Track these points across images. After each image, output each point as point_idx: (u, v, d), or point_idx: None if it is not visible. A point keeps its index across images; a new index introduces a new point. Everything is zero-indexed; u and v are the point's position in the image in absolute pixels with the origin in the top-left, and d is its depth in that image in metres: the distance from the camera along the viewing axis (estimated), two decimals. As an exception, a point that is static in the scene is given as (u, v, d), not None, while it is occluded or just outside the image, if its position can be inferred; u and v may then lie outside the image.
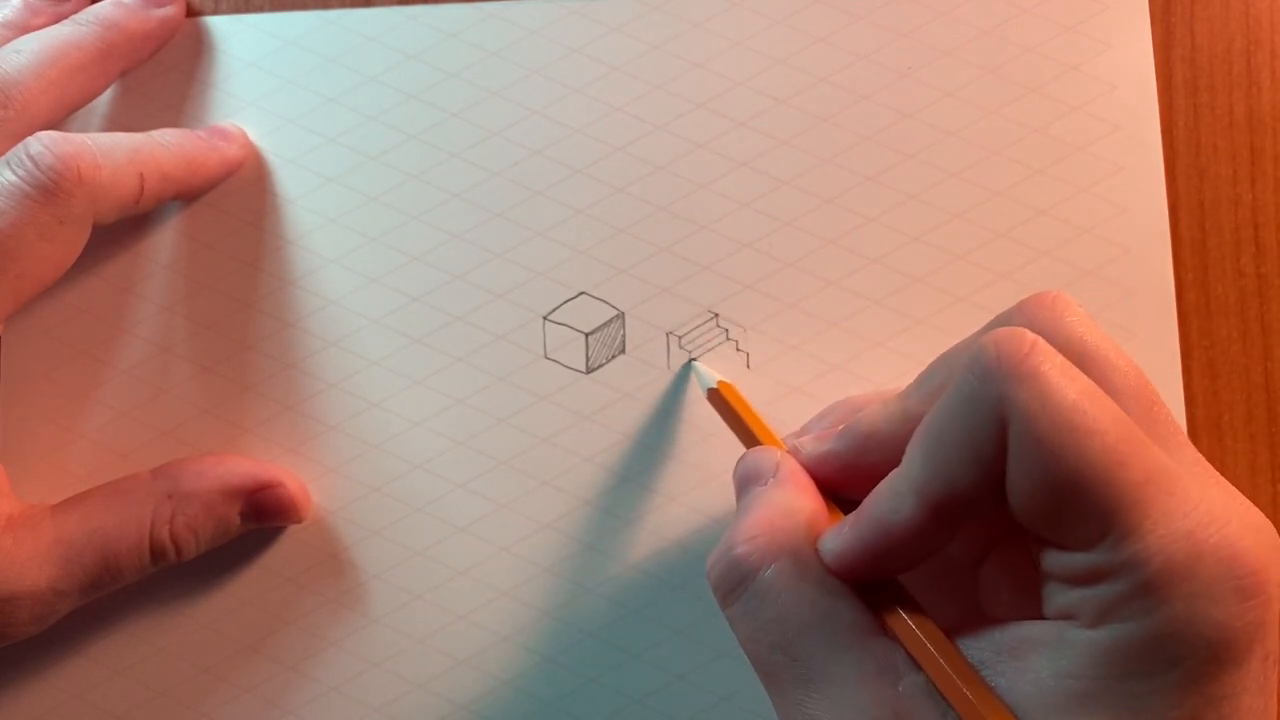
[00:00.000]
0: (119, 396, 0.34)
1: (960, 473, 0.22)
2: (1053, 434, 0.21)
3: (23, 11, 0.35)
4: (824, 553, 0.24)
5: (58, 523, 0.30)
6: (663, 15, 0.35)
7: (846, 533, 0.24)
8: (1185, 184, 0.34)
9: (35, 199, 0.30)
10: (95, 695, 0.33)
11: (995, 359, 0.22)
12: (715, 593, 0.25)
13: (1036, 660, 0.22)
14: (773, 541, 0.24)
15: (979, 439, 0.22)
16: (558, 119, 0.35)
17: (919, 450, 0.23)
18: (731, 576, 0.25)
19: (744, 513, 0.26)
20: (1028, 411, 0.21)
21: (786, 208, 0.34)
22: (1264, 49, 0.35)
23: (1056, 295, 0.24)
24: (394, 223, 0.35)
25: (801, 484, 0.26)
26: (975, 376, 0.22)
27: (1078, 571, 0.21)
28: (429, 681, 0.33)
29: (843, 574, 0.24)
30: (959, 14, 0.35)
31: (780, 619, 0.24)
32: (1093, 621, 0.21)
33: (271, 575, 0.33)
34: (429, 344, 0.34)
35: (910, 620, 0.23)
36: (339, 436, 0.34)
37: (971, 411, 0.22)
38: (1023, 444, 0.21)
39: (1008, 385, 0.21)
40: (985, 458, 0.22)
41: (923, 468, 0.23)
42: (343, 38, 0.36)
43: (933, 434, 0.23)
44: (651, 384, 0.34)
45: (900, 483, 0.23)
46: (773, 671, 0.24)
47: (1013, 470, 0.21)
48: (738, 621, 0.24)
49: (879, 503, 0.24)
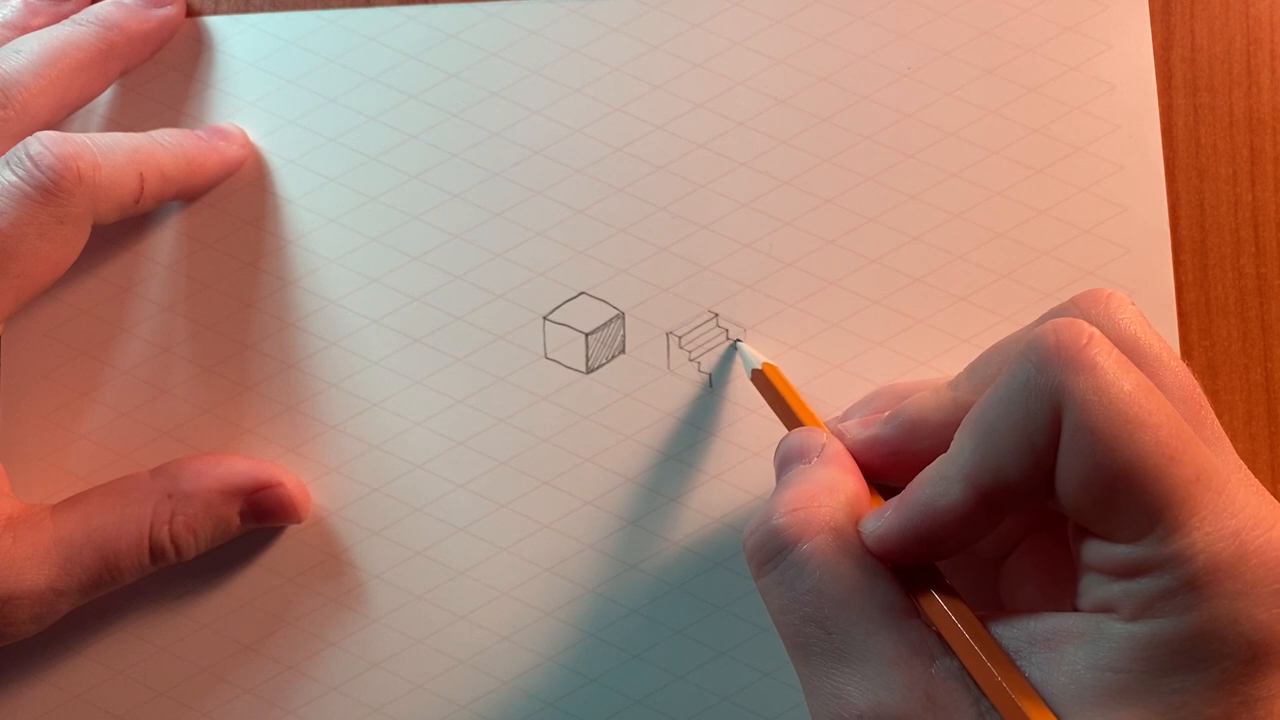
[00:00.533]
0: (119, 396, 0.34)
1: (1011, 460, 0.22)
2: (1108, 424, 0.21)
3: (23, 11, 0.35)
4: (866, 534, 0.24)
5: (58, 523, 0.30)
6: (663, 15, 0.35)
7: (890, 516, 0.24)
8: (1185, 184, 0.34)
9: (35, 199, 0.30)
10: (95, 695, 0.33)
11: (1054, 348, 0.22)
12: (750, 561, 0.25)
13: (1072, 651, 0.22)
14: (814, 515, 0.24)
15: (1033, 426, 0.22)
16: (558, 119, 0.35)
17: (970, 436, 0.23)
18: (769, 546, 0.24)
19: (786, 486, 0.26)
20: (1084, 400, 0.21)
21: (786, 208, 0.34)
22: (1264, 49, 0.35)
23: (1111, 293, 0.24)
24: (394, 223, 0.35)
25: (846, 464, 0.26)
26: (1032, 364, 0.22)
27: (1121, 564, 0.21)
28: (429, 681, 0.33)
29: (883, 556, 0.24)
30: (959, 14, 0.35)
31: (817, 591, 0.23)
32: (1133, 615, 0.21)
33: (271, 575, 0.33)
34: (429, 344, 0.34)
35: (945, 604, 0.23)
36: (339, 436, 0.34)
37: (1026, 398, 0.22)
38: (1077, 433, 0.21)
39: (1065, 374, 0.21)
40: (1038, 446, 0.22)
41: (973, 453, 0.23)
42: (343, 38, 0.36)
43: (985, 420, 0.23)
44: (651, 384, 0.34)
45: (949, 468, 0.23)
46: (804, 644, 0.24)
47: (1064, 459, 0.21)
48: (771, 591, 0.24)
49: (925, 487, 0.23)
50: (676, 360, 0.34)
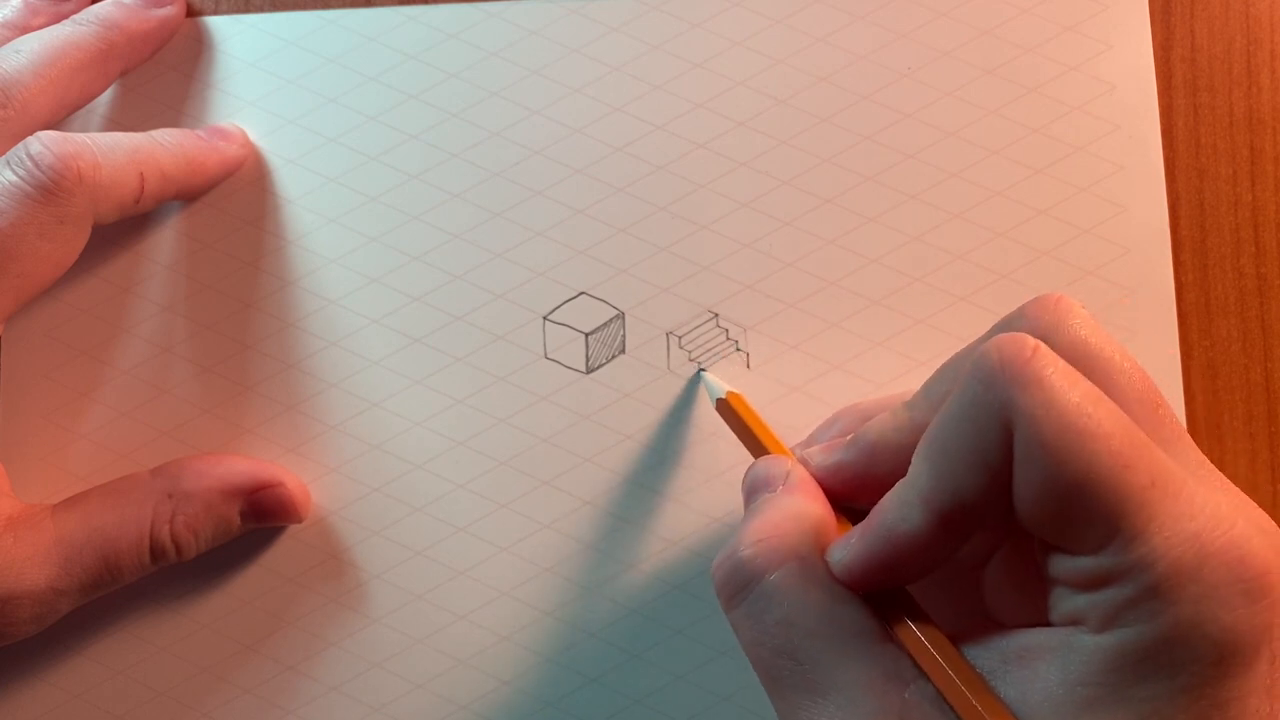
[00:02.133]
0: (119, 396, 0.34)
1: (967, 481, 0.22)
2: (1057, 438, 0.21)
3: (23, 11, 0.35)
4: (832, 563, 0.24)
5: (58, 522, 0.30)
6: (663, 15, 0.35)
7: (855, 543, 0.24)
8: (1185, 184, 0.34)
9: (35, 199, 0.30)
10: (95, 695, 0.33)
11: (998, 365, 0.22)
12: (720, 595, 0.25)
13: (1044, 668, 0.22)
14: (781, 545, 0.24)
15: (984, 446, 0.22)
16: (558, 119, 0.35)
17: (924, 460, 0.23)
18: (737, 579, 0.24)
19: (752, 516, 0.26)
20: (1032, 416, 0.21)
21: (786, 208, 0.34)
22: (1264, 49, 0.35)
23: (1059, 298, 0.24)
24: (394, 223, 0.35)
25: (811, 492, 0.26)
26: (978, 383, 0.22)
27: (1085, 576, 0.21)
28: (429, 681, 0.33)
29: (851, 584, 0.24)
30: (959, 14, 0.35)
31: (786, 622, 0.23)
32: (1100, 626, 0.21)
33: (271, 575, 0.33)
34: (429, 344, 0.34)
35: (917, 629, 0.23)
36: (339, 436, 0.34)
37: (976, 418, 0.22)
38: (1028, 449, 0.21)
39: (1011, 391, 0.21)
40: (992, 465, 0.22)
41: (929, 477, 0.23)
42: (343, 38, 0.36)
43: (938, 443, 0.23)
44: (651, 384, 0.34)
45: (907, 493, 0.23)
46: (776, 676, 0.24)
47: (1019, 476, 0.21)
48: (741, 624, 0.24)
49: (886, 513, 0.23)
50: (676, 360, 0.34)
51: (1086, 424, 0.21)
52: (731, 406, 0.31)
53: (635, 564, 0.33)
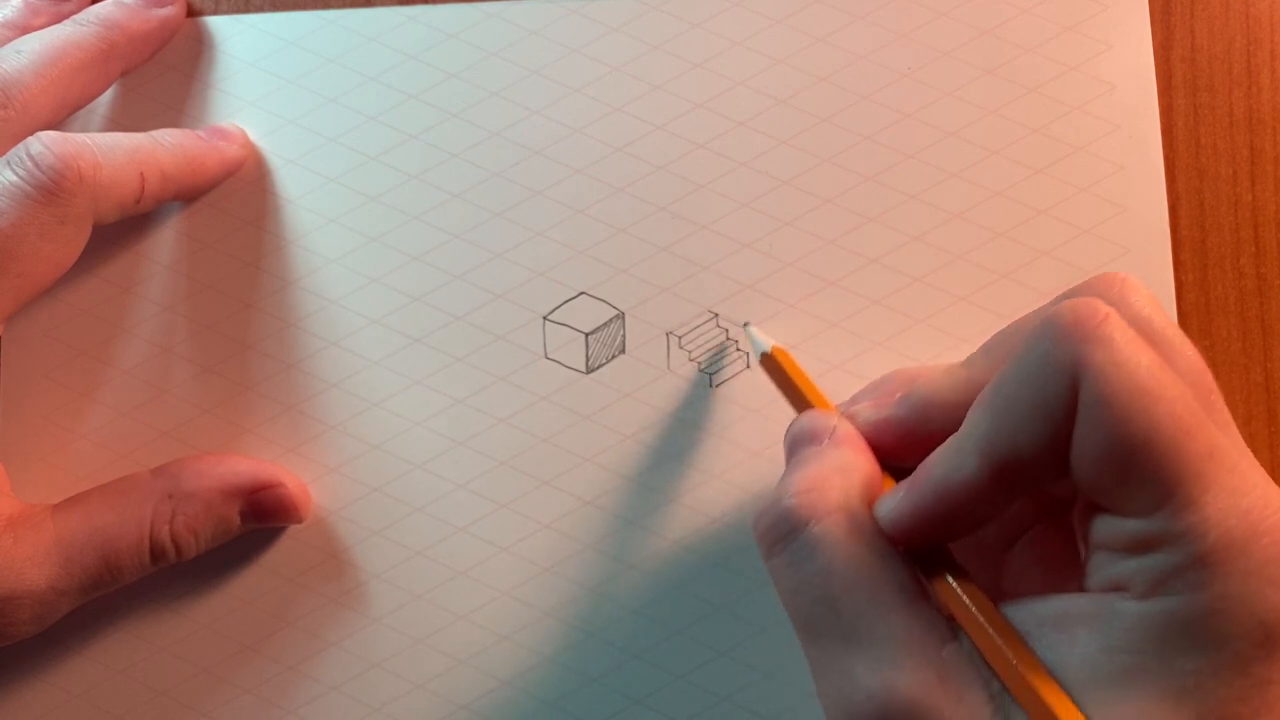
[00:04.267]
0: (119, 396, 0.34)
1: (1027, 433, 0.22)
2: (1125, 396, 0.21)
3: (23, 11, 0.35)
4: (880, 515, 0.24)
5: (58, 522, 0.30)
6: (663, 15, 0.35)
7: (903, 496, 0.24)
8: (1185, 184, 0.34)
9: (36, 199, 0.30)
10: (95, 695, 0.33)
11: (1071, 323, 0.22)
12: (761, 543, 0.25)
13: (1084, 633, 0.22)
14: (826, 496, 0.24)
15: (1049, 399, 0.22)
16: (558, 119, 0.35)
17: (985, 410, 0.23)
18: (781, 527, 0.24)
19: (796, 468, 0.26)
20: (1101, 373, 0.21)
21: (786, 208, 0.34)
22: (1264, 49, 0.35)
23: (1123, 276, 0.24)
24: (394, 223, 0.35)
25: (858, 446, 0.26)
26: (1049, 339, 0.22)
27: (1133, 539, 0.21)
28: (429, 681, 0.33)
29: (897, 537, 0.24)
30: (959, 14, 0.35)
31: (827, 572, 0.23)
32: (1144, 593, 0.21)
33: (271, 575, 0.33)
34: (429, 344, 0.34)
35: (959, 586, 0.23)
36: (339, 436, 0.34)
37: (1044, 371, 0.22)
38: (1094, 405, 0.21)
39: (1082, 348, 0.21)
40: (1054, 418, 0.22)
41: (989, 427, 0.23)
42: (343, 38, 0.36)
43: (1002, 394, 0.23)
44: (651, 384, 0.34)
45: (964, 442, 0.23)
46: (813, 625, 0.23)
47: (1080, 431, 0.21)
48: (781, 572, 0.24)
49: (939, 464, 0.23)
50: (676, 360, 0.34)
51: (1153, 386, 0.21)
52: (777, 361, 0.31)
53: (635, 564, 0.33)
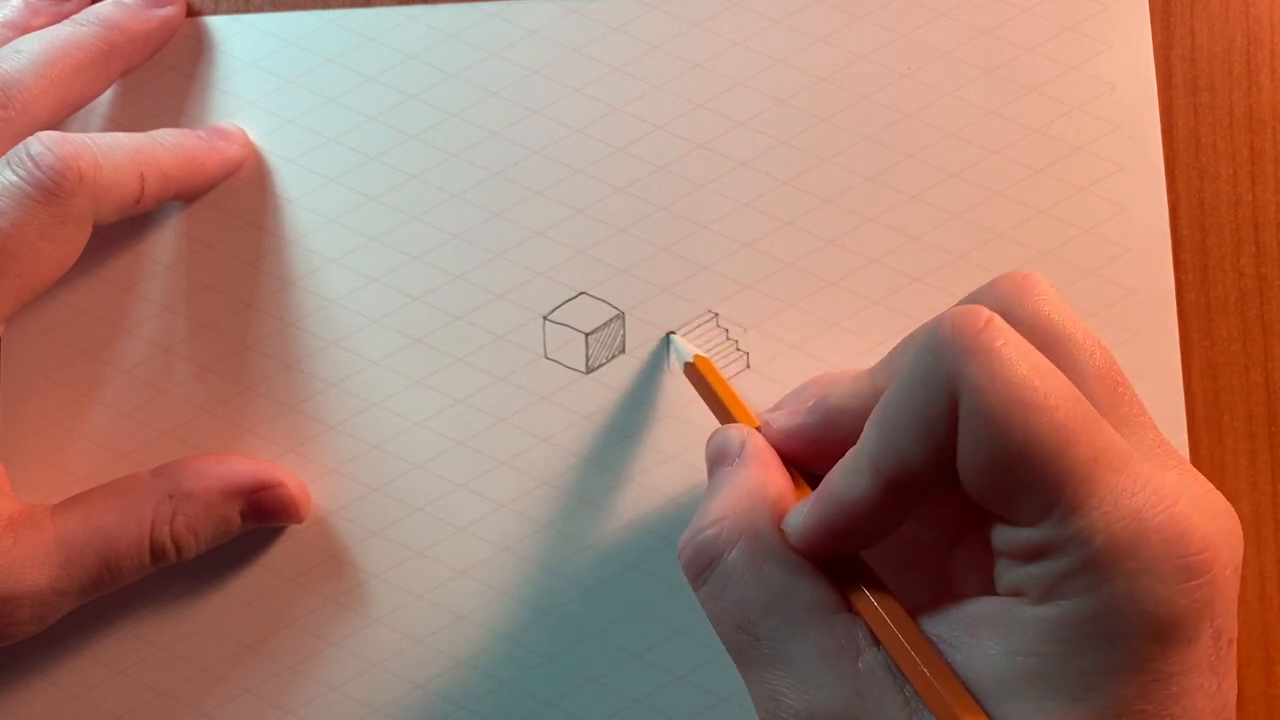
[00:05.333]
0: (119, 396, 0.34)
1: (912, 448, 0.22)
2: (1001, 408, 0.21)
3: (23, 11, 0.35)
4: (788, 531, 0.25)
5: (58, 522, 0.30)
6: (663, 15, 0.35)
7: (808, 511, 0.24)
8: (1185, 184, 0.34)
9: (36, 199, 0.30)
10: (95, 695, 0.33)
11: (949, 335, 0.22)
12: (686, 575, 0.26)
13: (988, 637, 0.22)
14: (737, 523, 0.25)
15: (931, 414, 0.22)
16: (558, 119, 0.35)
17: (874, 427, 0.23)
18: (699, 560, 0.25)
19: (711, 494, 0.26)
20: (977, 386, 0.21)
21: (786, 208, 0.34)
22: (1264, 49, 0.35)
23: (1026, 275, 0.25)
24: (394, 223, 0.35)
25: (767, 461, 0.27)
26: (929, 352, 0.22)
27: (1025, 547, 0.22)
28: (429, 681, 0.33)
29: (806, 551, 0.24)
30: (959, 14, 0.35)
31: (743, 600, 0.24)
32: (1040, 598, 0.21)
33: (271, 575, 0.33)
34: (429, 344, 0.34)
35: (872, 596, 0.24)
36: (339, 436, 0.34)
37: (924, 387, 0.22)
38: (972, 418, 0.21)
39: (958, 361, 0.22)
40: (937, 433, 0.22)
41: (876, 443, 0.23)
42: (343, 38, 0.36)
43: (888, 411, 0.23)
44: (651, 384, 0.34)
45: (856, 459, 0.24)
46: (739, 650, 0.24)
47: (963, 444, 0.22)
48: (706, 603, 0.25)
49: (837, 479, 0.24)
50: (677, 360, 0.34)
51: (1031, 396, 0.21)
52: (699, 371, 0.32)
53: (635, 563, 0.33)
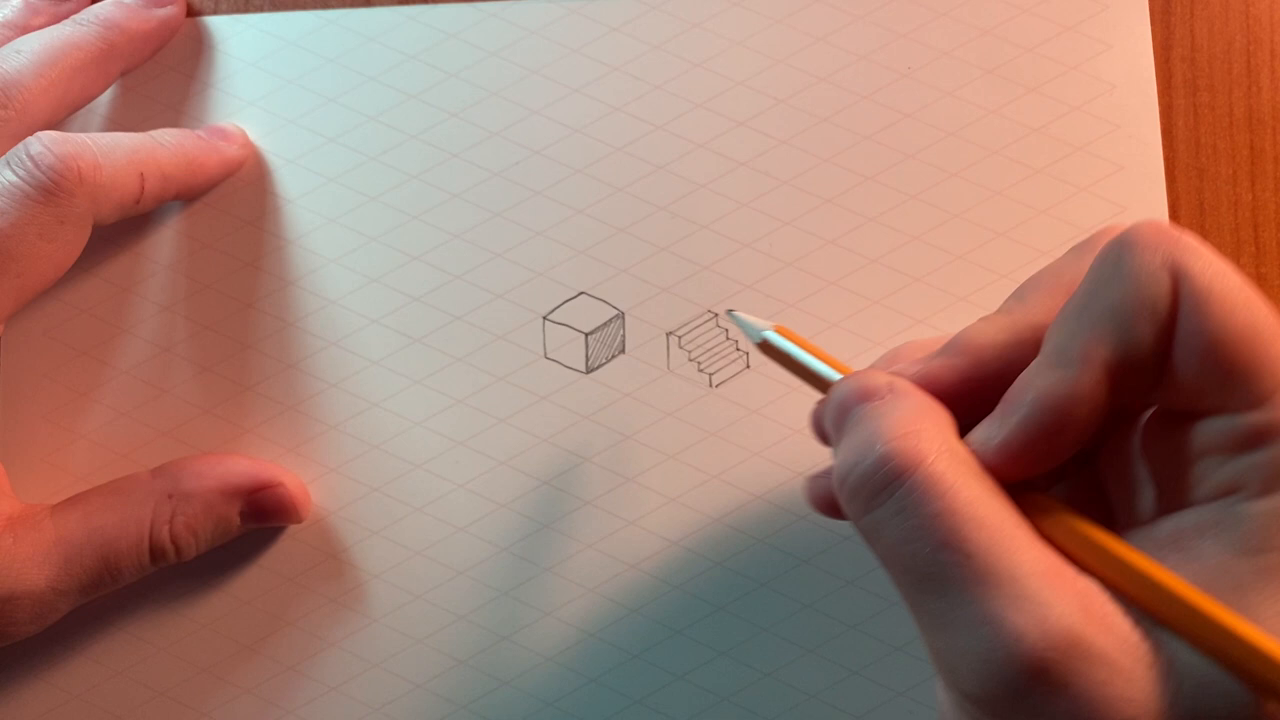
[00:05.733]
0: (119, 396, 0.34)
1: (1135, 331, 0.22)
2: (1228, 291, 0.21)
3: (23, 11, 0.35)
4: (985, 446, 0.23)
5: (58, 522, 0.30)
6: (663, 15, 0.35)
7: (1002, 423, 0.23)
8: (1185, 184, 0.34)
9: (36, 199, 0.30)
10: (95, 695, 0.33)
11: (1157, 231, 0.22)
12: (855, 498, 0.23)
13: (1208, 544, 0.21)
14: (924, 440, 0.23)
15: (1152, 298, 0.21)
16: (558, 119, 0.35)
17: (1079, 319, 0.22)
18: (879, 476, 0.22)
19: (873, 420, 0.24)
20: (1203, 271, 0.21)
21: (786, 208, 0.34)
22: (1264, 49, 0.35)
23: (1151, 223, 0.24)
24: (394, 223, 0.35)
25: (917, 390, 0.25)
26: (1137, 248, 0.22)
27: (1243, 434, 0.21)
28: (429, 681, 0.33)
29: (1003, 467, 0.23)
30: (959, 14, 0.35)
31: (949, 513, 0.22)
32: (1263, 489, 0.21)
33: (271, 575, 0.33)
34: (429, 344, 0.34)
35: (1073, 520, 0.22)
36: (339, 436, 0.34)
37: (1141, 274, 0.22)
38: (1198, 299, 0.21)
39: (1178, 249, 0.21)
40: (1157, 316, 0.21)
41: (1088, 334, 0.22)
42: (343, 38, 0.36)
43: (1096, 302, 0.22)
44: (651, 384, 0.34)
45: (1058, 355, 0.22)
46: (937, 573, 0.21)
47: (1185, 327, 0.21)
48: (887, 524, 0.22)
49: (1034, 384, 0.22)
50: (676, 360, 0.34)
51: (1247, 286, 0.21)
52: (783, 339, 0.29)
53: (635, 564, 0.33)
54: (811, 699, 0.32)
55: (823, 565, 0.32)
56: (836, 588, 0.32)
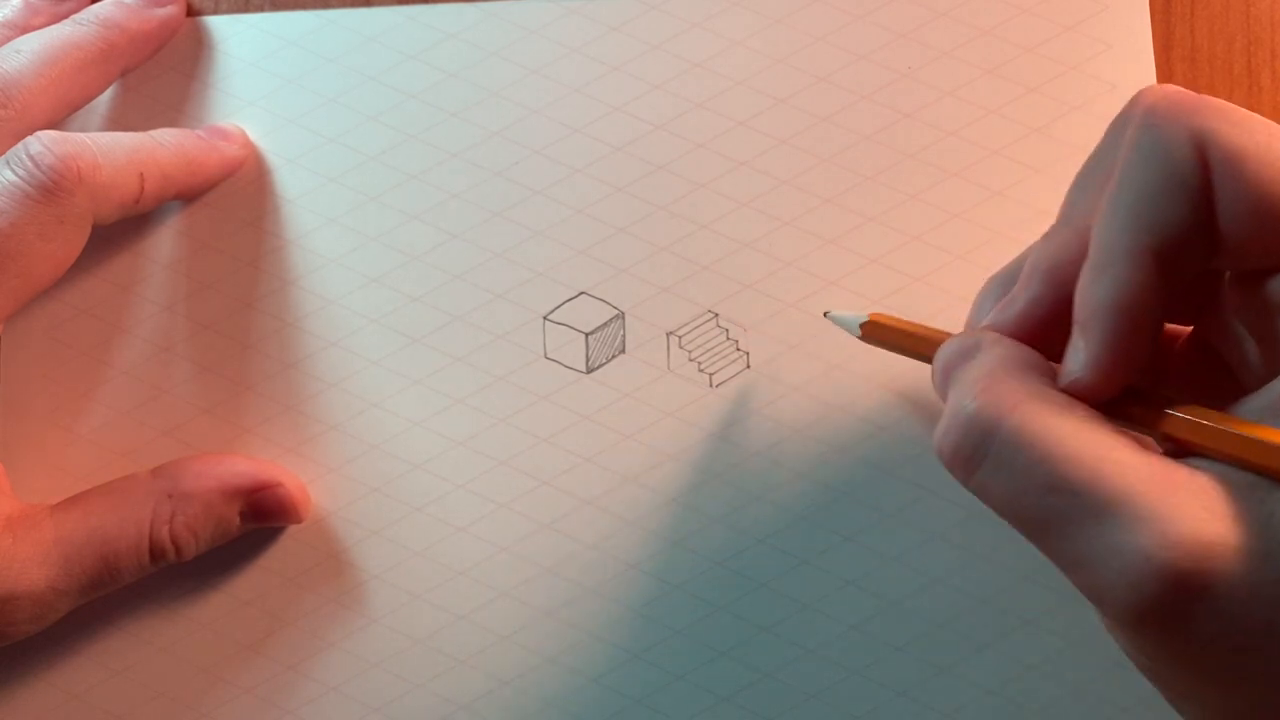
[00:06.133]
0: (119, 396, 0.34)
1: (1173, 214, 0.21)
2: (1259, 146, 0.21)
3: (23, 11, 0.35)
4: (1074, 374, 0.23)
5: (58, 522, 0.30)
6: (663, 15, 0.35)
7: (1083, 346, 0.22)
8: (1185, 184, 0.34)
9: (35, 198, 0.30)
10: (95, 695, 0.33)
11: (1174, 101, 0.21)
12: (955, 464, 0.23)
13: None
14: (1005, 390, 0.22)
15: (1183, 173, 0.21)
16: (558, 119, 0.35)
17: (1118, 215, 0.22)
18: (971, 437, 0.22)
19: (960, 381, 0.24)
20: (1227, 132, 0.21)
21: (786, 208, 0.34)
22: (1264, 49, 0.35)
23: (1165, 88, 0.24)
24: (394, 223, 0.35)
25: (1007, 339, 0.24)
26: (1157, 123, 0.21)
27: None
28: (429, 681, 0.33)
29: (1095, 388, 0.22)
30: (959, 14, 0.35)
31: (1046, 458, 0.21)
32: None
33: (271, 575, 0.33)
34: (429, 344, 0.34)
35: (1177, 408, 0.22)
36: (339, 436, 0.34)
37: (1167, 151, 0.21)
38: (1229, 163, 0.21)
39: (1197, 117, 0.21)
40: (1193, 191, 0.21)
41: (1129, 229, 0.22)
42: (343, 38, 0.36)
43: (1129, 193, 0.22)
44: (651, 384, 0.34)
45: (1108, 256, 0.22)
46: (1054, 517, 0.21)
47: (1225, 195, 0.21)
48: (992, 483, 0.22)
49: (1096, 294, 0.22)
50: (676, 360, 0.34)
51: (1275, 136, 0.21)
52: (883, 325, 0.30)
53: (635, 564, 0.33)
54: (811, 699, 0.32)
55: (823, 565, 0.32)
56: (836, 588, 0.32)
